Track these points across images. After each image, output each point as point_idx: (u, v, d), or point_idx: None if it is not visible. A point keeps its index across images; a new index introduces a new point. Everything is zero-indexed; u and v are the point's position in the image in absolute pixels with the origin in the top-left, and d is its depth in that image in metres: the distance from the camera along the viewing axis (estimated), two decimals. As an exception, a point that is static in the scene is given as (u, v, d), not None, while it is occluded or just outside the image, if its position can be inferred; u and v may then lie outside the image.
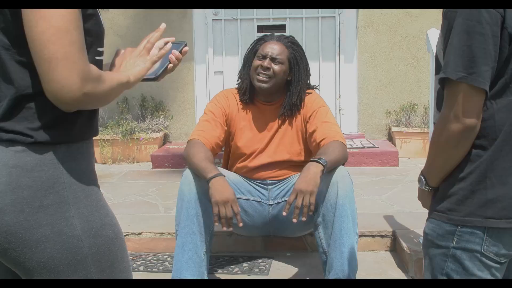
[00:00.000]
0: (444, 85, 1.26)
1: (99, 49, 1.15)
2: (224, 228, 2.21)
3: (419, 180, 1.41)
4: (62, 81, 0.98)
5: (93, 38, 1.11)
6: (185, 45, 1.31)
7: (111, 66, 1.23)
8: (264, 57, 2.50)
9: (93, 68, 1.03)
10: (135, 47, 1.25)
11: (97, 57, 1.14)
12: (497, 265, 1.28)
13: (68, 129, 1.09)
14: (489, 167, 1.25)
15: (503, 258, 1.29)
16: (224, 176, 2.27)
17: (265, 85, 2.49)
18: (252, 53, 2.59)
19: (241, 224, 2.25)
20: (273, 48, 2.50)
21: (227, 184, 2.23)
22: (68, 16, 0.99)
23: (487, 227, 1.26)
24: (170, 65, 1.26)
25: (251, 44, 2.63)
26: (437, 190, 1.36)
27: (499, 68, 1.23)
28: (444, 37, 1.28)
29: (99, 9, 1.15)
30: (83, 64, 1.00)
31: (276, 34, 2.61)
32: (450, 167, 1.30)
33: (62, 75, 0.98)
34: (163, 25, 1.28)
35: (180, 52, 1.28)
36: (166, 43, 1.26)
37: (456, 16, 1.23)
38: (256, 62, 2.51)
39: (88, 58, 1.08)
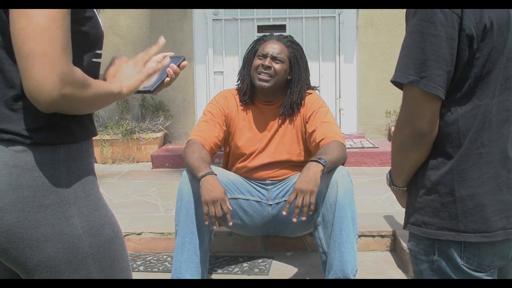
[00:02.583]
0: (401, 87, 1.21)
1: (98, 51, 1.14)
2: (214, 227, 2.20)
3: (386, 178, 1.39)
4: (39, 79, 0.95)
5: (91, 40, 1.10)
6: (184, 60, 1.31)
7: (105, 74, 1.22)
8: (264, 56, 2.50)
9: (77, 71, 1.00)
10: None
11: (94, 59, 1.14)
12: (485, 273, 1.23)
13: (67, 130, 1.08)
14: (456, 178, 1.20)
15: (488, 268, 1.23)
16: (215, 174, 2.26)
17: (266, 84, 2.49)
18: (252, 53, 2.59)
19: (230, 223, 2.25)
20: (273, 47, 2.51)
21: (217, 182, 2.22)
22: (51, 15, 0.96)
23: (462, 242, 1.21)
24: (167, 78, 1.27)
25: (251, 44, 2.63)
26: (409, 194, 1.32)
27: (461, 72, 1.18)
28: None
29: (98, 12, 1.15)
30: (64, 65, 0.97)
31: (275, 34, 2.62)
32: (409, 168, 1.27)
33: (40, 73, 0.95)
34: (162, 40, 1.27)
35: (178, 66, 1.29)
36: (164, 57, 1.26)
37: (411, 16, 1.18)
38: (257, 61, 2.52)
39: (85, 60, 1.08)
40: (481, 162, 1.20)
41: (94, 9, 1.11)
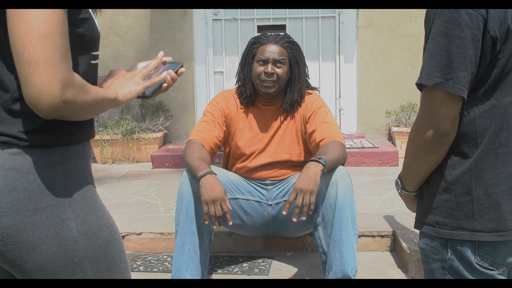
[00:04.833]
0: (421, 89, 1.21)
1: (94, 53, 1.14)
2: (214, 227, 2.20)
3: (396, 184, 1.38)
4: (41, 86, 0.95)
5: (87, 42, 1.10)
6: (181, 66, 1.32)
7: (103, 85, 1.22)
8: (265, 62, 2.49)
9: (77, 76, 1.01)
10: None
11: (92, 61, 1.13)
12: (497, 271, 1.24)
13: (63, 132, 1.08)
14: (474, 178, 1.20)
15: (501, 267, 1.24)
16: (215, 174, 2.26)
17: (271, 91, 2.51)
18: (250, 57, 2.57)
19: (230, 223, 2.24)
20: (273, 52, 2.49)
21: (217, 182, 2.22)
22: (51, 21, 0.96)
23: (476, 240, 1.21)
24: (165, 84, 1.28)
25: (247, 47, 2.60)
26: (421, 194, 1.32)
27: (482, 73, 1.18)
28: (425, 40, 1.22)
29: (94, 13, 1.14)
30: (65, 71, 0.97)
31: (270, 34, 2.58)
32: (425, 172, 1.27)
33: (42, 80, 0.94)
34: (161, 54, 1.29)
35: (176, 72, 1.29)
36: (163, 64, 1.28)
37: (435, 18, 1.17)
38: (258, 68, 2.51)
39: (82, 63, 1.07)
40: (498, 162, 1.21)
41: (90, 10, 1.10)
